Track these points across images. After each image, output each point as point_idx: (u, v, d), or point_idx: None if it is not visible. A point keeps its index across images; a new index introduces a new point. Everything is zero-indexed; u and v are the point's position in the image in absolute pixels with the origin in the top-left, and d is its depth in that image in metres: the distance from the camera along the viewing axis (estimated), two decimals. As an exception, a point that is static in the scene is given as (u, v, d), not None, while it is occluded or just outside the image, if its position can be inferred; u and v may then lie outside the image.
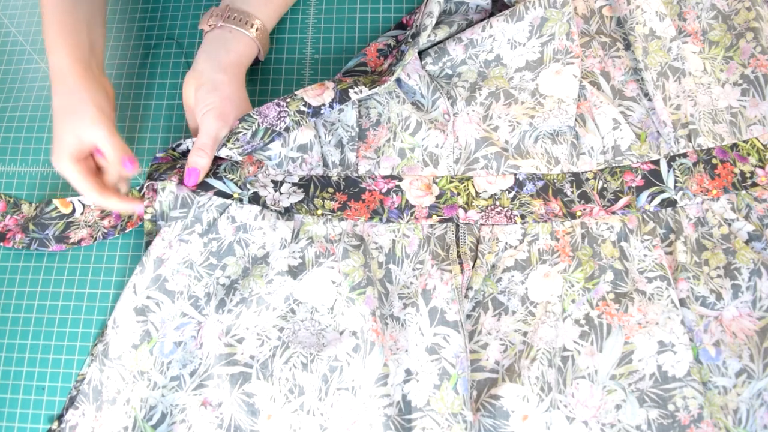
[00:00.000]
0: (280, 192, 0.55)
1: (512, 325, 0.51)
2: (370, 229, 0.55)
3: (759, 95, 0.57)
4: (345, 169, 0.57)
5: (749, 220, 0.53)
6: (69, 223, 0.59)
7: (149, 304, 0.52)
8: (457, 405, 0.48)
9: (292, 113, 0.54)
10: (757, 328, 0.49)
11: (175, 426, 0.50)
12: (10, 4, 0.70)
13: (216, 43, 0.56)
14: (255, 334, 0.51)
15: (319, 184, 0.56)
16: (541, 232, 0.54)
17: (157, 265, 0.53)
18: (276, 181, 0.56)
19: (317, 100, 0.55)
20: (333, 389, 0.50)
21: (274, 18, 0.59)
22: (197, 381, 0.50)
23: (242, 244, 0.54)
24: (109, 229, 0.58)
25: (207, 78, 0.54)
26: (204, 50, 0.56)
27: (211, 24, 0.57)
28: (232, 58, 0.56)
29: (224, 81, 0.55)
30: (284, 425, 0.49)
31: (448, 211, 0.55)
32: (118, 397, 0.51)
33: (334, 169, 0.57)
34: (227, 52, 0.56)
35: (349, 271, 0.52)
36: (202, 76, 0.55)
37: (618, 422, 0.48)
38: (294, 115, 0.54)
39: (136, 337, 0.52)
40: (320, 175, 0.56)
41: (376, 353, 0.49)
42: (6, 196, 0.61)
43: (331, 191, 0.56)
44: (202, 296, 0.52)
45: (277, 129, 0.54)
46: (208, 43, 0.56)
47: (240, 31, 0.56)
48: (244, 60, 0.57)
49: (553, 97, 0.57)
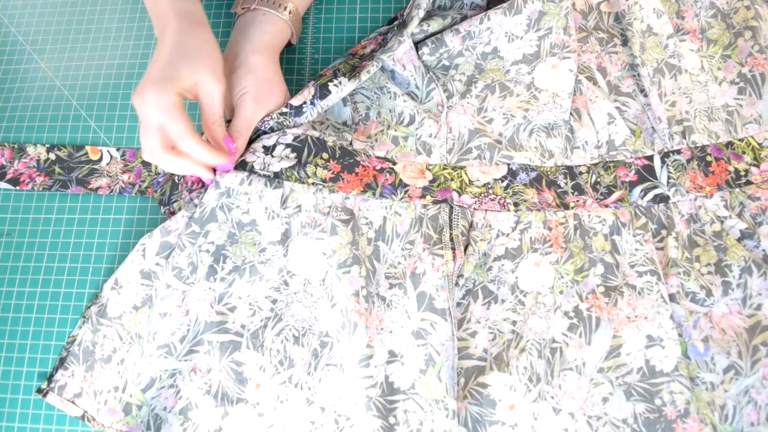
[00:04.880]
0: (272, 155, 0.55)
1: (501, 314, 0.51)
2: (361, 204, 0.54)
3: (755, 94, 0.57)
4: (341, 140, 0.56)
5: (742, 217, 0.53)
6: (93, 169, 0.60)
7: (157, 271, 0.53)
8: (440, 392, 0.48)
9: (274, 116, 0.55)
10: (747, 325, 0.49)
11: (163, 390, 0.51)
12: (10, 4, 0.70)
13: (250, 26, 0.56)
14: (247, 304, 0.52)
15: (314, 147, 0.55)
16: (534, 221, 0.54)
17: (164, 233, 0.54)
18: (267, 145, 0.55)
19: (298, 99, 0.55)
20: (322, 364, 0.50)
21: (307, 1, 0.60)
22: (187, 347, 0.51)
23: (224, 209, 0.53)
24: (127, 185, 0.59)
25: (242, 60, 0.54)
26: (238, 32, 0.56)
27: (245, 7, 0.57)
28: (266, 40, 0.56)
29: (260, 63, 0.54)
30: (271, 396, 0.50)
31: (441, 193, 0.55)
32: (113, 356, 0.52)
33: (330, 137, 0.56)
34: (262, 33, 0.55)
35: (336, 248, 0.52)
36: (237, 58, 0.55)
37: (604, 415, 0.48)
38: (276, 117, 0.55)
39: (138, 299, 0.53)
40: (316, 137, 0.55)
41: (360, 333, 0.49)
42: (9, 143, 0.62)
43: (326, 157, 0.55)
44: (185, 267, 0.52)
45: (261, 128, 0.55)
46: (242, 26, 0.56)
47: (273, 13, 0.56)
48: (278, 42, 0.57)
49: (548, 90, 0.57)
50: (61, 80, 0.65)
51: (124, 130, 0.63)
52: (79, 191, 0.59)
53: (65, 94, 0.65)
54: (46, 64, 0.66)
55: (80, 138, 0.63)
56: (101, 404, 0.51)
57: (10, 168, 0.61)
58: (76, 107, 0.64)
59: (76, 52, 0.67)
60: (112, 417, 0.50)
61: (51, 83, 0.65)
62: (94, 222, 0.59)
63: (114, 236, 0.59)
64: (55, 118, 0.64)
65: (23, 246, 0.59)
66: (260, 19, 0.56)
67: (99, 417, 0.51)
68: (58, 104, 0.64)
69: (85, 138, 0.63)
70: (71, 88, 0.65)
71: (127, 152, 0.61)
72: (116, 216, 0.59)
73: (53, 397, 0.52)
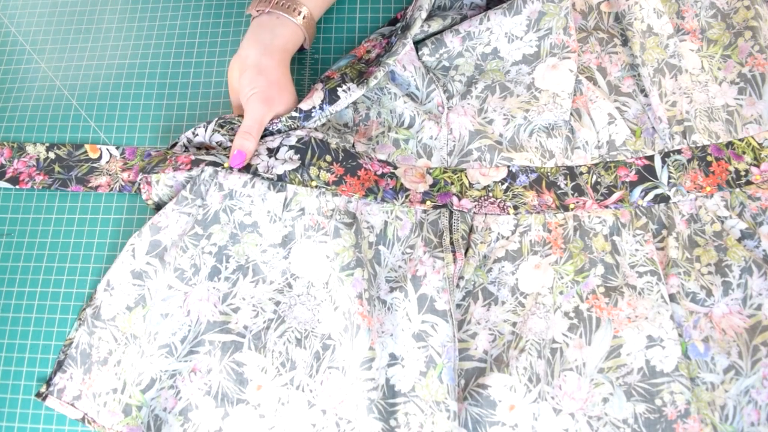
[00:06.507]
0: (276, 157, 0.55)
1: (501, 315, 0.51)
2: (363, 207, 0.55)
3: (756, 94, 0.57)
4: (343, 143, 0.57)
5: (742, 218, 0.53)
6: (93, 167, 0.60)
7: (148, 270, 0.53)
8: (441, 394, 0.48)
9: (284, 119, 0.55)
10: (747, 325, 0.49)
11: (163, 391, 0.51)
12: (10, 4, 0.70)
13: (262, 28, 0.56)
14: (251, 305, 0.52)
15: (317, 150, 0.55)
16: (534, 224, 0.54)
17: (154, 231, 0.53)
18: (271, 148, 0.55)
19: (307, 103, 0.55)
20: (324, 367, 0.50)
21: (322, 7, 0.60)
22: (188, 347, 0.51)
23: (227, 211, 0.54)
24: (127, 183, 0.59)
25: (252, 62, 0.55)
26: (250, 35, 0.57)
27: (259, 9, 0.57)
28: (278, 43, 0.56)
29: (270, 65, 0.55)
30: (273, 397, 0.50)
31: (441, 198, 0.55)
32: (109, 358, 0.51)
33: (333, 139, 0.56)
34: (273, 36, 0.56)
35: (340, 251, 0.52)
36: (247, 60, 0.55)
37: (605, 415, 0.48)
38: (285, 121, 0.55)
39: (131, 300, 0.52)
40: (320, 139, 0.55)
41: (363, 336, 0.49)
42: (8, 143, 0.62)
43: (329, 160, 0.55)
44: (187, 268, 0.52)
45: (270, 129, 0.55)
46: (255, 28, 0.57)
47: (286, 17, 0.57)
48: (290, 46, 0.58)
49: (549, 91, 0.57)
50: (61, 80, 0.65)
51: (124, 130, 0.63)
52: (79, 190, 0.59)
53: (65, 93, 0.65)
54: (46, 64, 0.66)
55: (80, 138, 0.63)
56: (101, 406, 0.51)
57: (9, 167, 0.61)
58: (75, 107, 0.64)
59: (76, 52, 0.66)
60: (113, 418, 0.50)
61: (51, 83, 0.65)
62: (94, 222, 0.59)
63: (114, 236, 0.59)
64: (54, 118, 0.64)
65: (23, 246, 0.59)
66: (274, 22, 0.57)
67: (99, 419, 0.51)
68: (57, 104, 0.64)
69: (85, 138, 0.63)
70: (71, 88, 0.65)
71: (126, 150, 0.61)
72: (116, 215, 0.59)
73: (52, 401, 0.51)
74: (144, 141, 0.62)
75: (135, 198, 0.60)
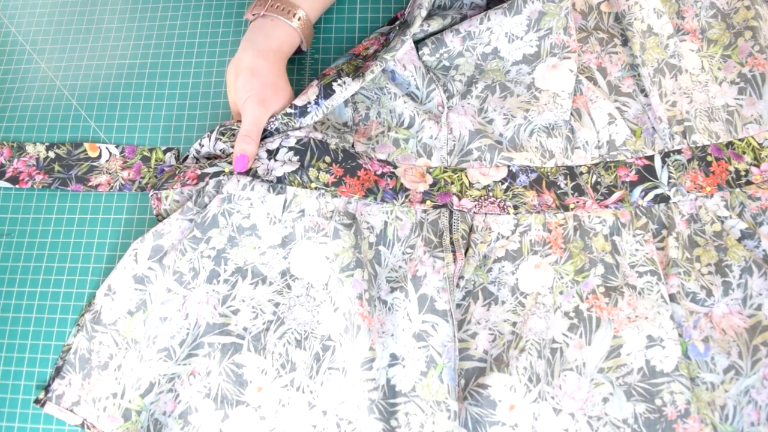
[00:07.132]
0: (275, 159, 0.55)
1: (501, 315, 0.51)
2: (363, 208, 0.55)
3: (756, 94, 0.57)
4: (343, 143, 0.57)
5: (742, 218, 0.53)
6: (92, 166, 0.60)
7: (150, 275, 0.53)
8: (441, 393, 0.48)
9: (279, 117, 0.55)
10: (747, 325, 0.49)
11: (162, 395, 0.50)
12: (10, 4, 0.70)
13: (258, 31, 0.57)
14: (250, 307, 0.52)
15: (317, 151, 0.55)
16: (534, 223, 0.54)
17: (157, 237, 0.53)
18: (270, 149, 0.55)
19: (302, 99, 0.55)
20: (324, 368, 0.50)
21: (319, 9, 0.60)
22: (186, 351, 0.51)
23: (226, 215, 0.53)
24: (127, 182, 0.59)
25: (246, 64, 0.55)
26: (246, 38, 0.57)
27: (255, 13, 0.58)
28: (272, 45, 0.56)
29: (263, 67, 0.55)
30: (273, 399, 0.50)
31: (441, 197, 0.55)
32: (110, 362, 0.51)
33: (333, 139, 0.56)
34: (268, 39, 0.56)
35: (339, 252, 0.52)
36: (241, 63, 0.55)
37: (605, 415, 0.48)
38: (281, 118, 0.55)
39: (132, 304, 0.52)
40: (319, 140, 0.55)
41: (363, 336, 0.49)
42: (8, 142, 0.62)
43: (328, 161, 0.55)
44: (186, 272, 0.52)
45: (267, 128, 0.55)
46: (251, 31, 0.57)
47: (282, 20, 0.57)
48: (286, 48, 0.58)
49: (549, 91, 0.57)
50: (61, 80, 0.65)
51: (124, 129, 0.63)
52: (79, 189, 0.59)
53: (65, 93, 0.65)
54: (46, 64, 0.66)
55: (80, 138, 0.63)
56: (100, 411, 0.51)
57: (9, 167, 0.61)
58: (75, 107, 0.64)
59: (76, 52, 0.67)
60: (112, 423, 0.50)
61: (51, 83, 0.65)
62: (94, 221, 0.59)
63: (114, 235, 0.59)
64: (54, 118, 0.64)
65: (23, 246, 0.59)
66: (269, 25, 0.57)
67: (99, 424, 0.50)
68: (57, 104, 0.64)
69: (85, 138, 0.63)
70: (71, 88, 0.65)
71: (126, 149, 0.61)
72: (116, 215, 0.59)
73: (51, 407, 0.51)
74: (144, 141, 0.62)
75: (135, 197, 0.60)
